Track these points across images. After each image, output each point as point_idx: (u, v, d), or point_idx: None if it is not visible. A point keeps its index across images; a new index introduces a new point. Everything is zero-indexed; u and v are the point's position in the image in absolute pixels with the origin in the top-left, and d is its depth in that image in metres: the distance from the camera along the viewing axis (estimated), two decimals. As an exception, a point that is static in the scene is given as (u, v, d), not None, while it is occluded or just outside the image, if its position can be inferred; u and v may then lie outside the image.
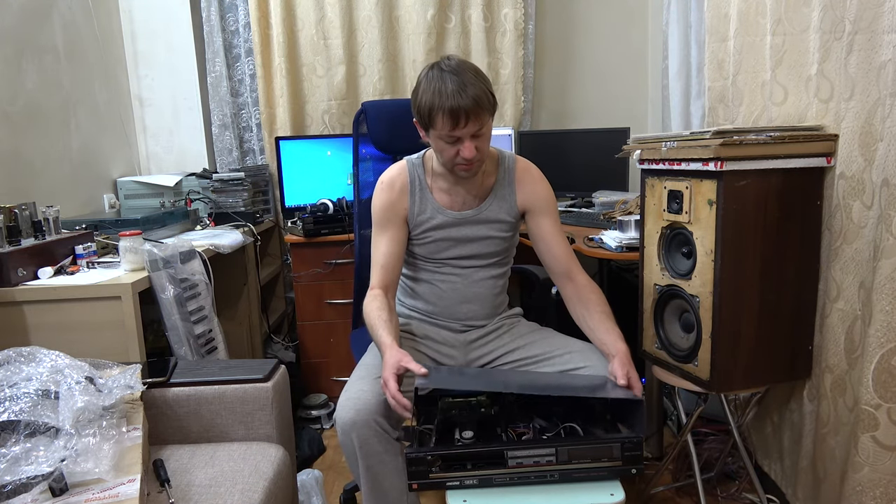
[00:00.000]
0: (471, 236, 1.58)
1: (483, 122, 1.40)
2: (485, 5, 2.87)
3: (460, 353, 1.60)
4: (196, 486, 1.22)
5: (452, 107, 1.35)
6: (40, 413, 1.12)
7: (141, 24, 2.76)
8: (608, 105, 3.11)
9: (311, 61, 2.88)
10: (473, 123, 1.38)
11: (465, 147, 1.40)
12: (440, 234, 1.57)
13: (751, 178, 1.41)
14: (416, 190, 1.58)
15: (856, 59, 1.32)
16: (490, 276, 1.61)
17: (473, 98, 1.35)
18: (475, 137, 1.41)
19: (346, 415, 1.31)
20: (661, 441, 2.13)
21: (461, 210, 1.57)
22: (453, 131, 1.38)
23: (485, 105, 1.38)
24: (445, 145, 1.43)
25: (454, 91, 1.35)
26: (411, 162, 1.61)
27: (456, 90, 1.35)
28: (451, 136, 1.40)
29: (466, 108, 1.35)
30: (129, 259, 1.74)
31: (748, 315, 1.47)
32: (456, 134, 1.39)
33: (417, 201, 1.57)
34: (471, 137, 1.40)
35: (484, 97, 1.38)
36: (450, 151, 1.43)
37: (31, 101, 2.13)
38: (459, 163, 1.44)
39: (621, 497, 1.16)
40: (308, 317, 2.57)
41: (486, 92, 1.40)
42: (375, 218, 1.58)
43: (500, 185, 1.59)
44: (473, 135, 1.40)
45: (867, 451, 1.31)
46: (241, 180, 2.61)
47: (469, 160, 1.42)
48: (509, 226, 1.60)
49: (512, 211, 1.59)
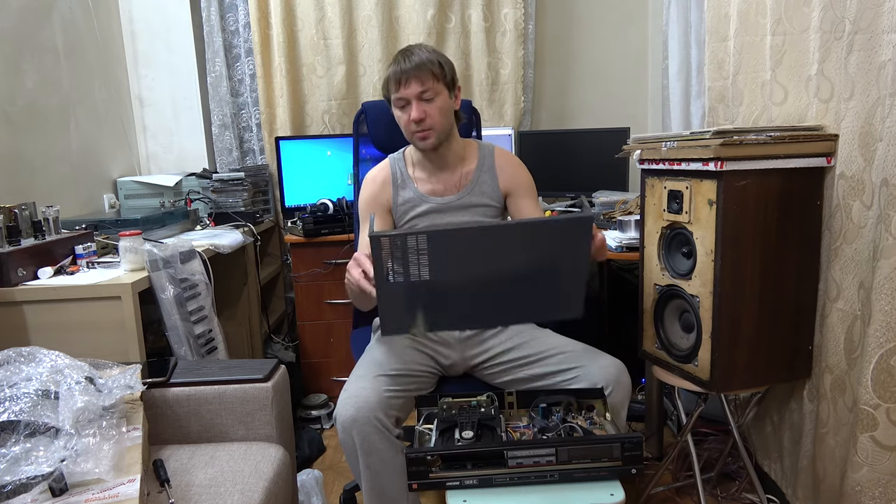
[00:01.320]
0: (455, 224, 1.60)
1: (427, 86, 1.50)
2: (485, 5, 2.87)
3: (456, 352, 1.61)
4: (196, 486, 1.22)
5: (396, 70, 1.50)
6: (40, 413, 1.12)
7: (141, 24, 2.76)
8: (608, 105, 3.11)
9: (311, 61, 2.89)
10: (416, 83, 1.49)
11: (413, 108, 1.51)
12: (425, 222, 1.63)
13: (751, 178, 1.41)
14: (398, 181, 1.66)
15: (856, 59, 1.32)
16: None
17: (415, 62, 1.49)
18: (423, 101, 1.51)
19: (347, 412, 1.32)
20: (661, 441, 2.13)
21: (443, 196, 1.64)
22: (398, 92, 1.51)
23: (428, 67, 1.50)
24: (399, 112, 1.55)
25: (401, 57, 1.51)
26: (393, 158, 1.71)
27: (403, 57, 1.51)
28: (399, 98, 1.52)
29: (407, 69, 1.49)
30: (129, 259, 1.74)
31: (748, 315, 1.47)
32: (402, 95, 1.51)
33: (400, 192, 1.65)
34: (418, 100, 1.50)
35: (428, 63, 1.50)
36: (403, 118, 1.54)
37: (31, 101, 2.13)
38: (414, 130, 1.53)
39: (621, 497, 1.16)
40: (308, 317, 2.57)
41: (434, 61, 1.52)
42: (361, 212, 1.68)
43: (481, 171, 1.66)
44: (420, 98, 1.50)
45: (866, 451, 1.31)
46: (241, 180, 2.61)
47: (417, 121, 1.51)
48: (494, 210, 1.66)
49: (495, 195, 1.66)
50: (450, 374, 1.63)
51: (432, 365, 1.58)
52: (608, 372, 1.44)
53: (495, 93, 2.99)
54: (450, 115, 1.57)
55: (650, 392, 2.11)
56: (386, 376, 1.42)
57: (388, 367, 1.45)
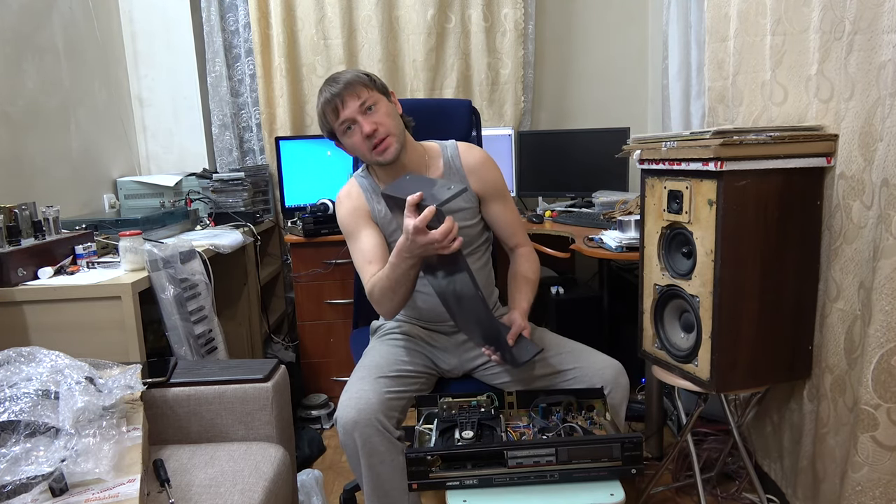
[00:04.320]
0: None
1: (364, 97, 1.43)
2: (485, 5, 2.87)
3: (454, 357, 1.61)
4: (196, 486, 1.22)
5: (327, 97, 1.43)
6: (40, 413, 1.12)
7: (141, 24, 2.76)
8: (608, 105, 3.11)
9: (311, 61, 2.89)
10: (352, 100, 1.42)
11: (361, 125, 1.43)
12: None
13: (751, 178, 1.41)
14: (371, 197, 1.59)
15: (856, 59, 1.32)
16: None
17: (341, 81, 1.43)
18: (367, 113, 1.44)
19: (349, 414, 1.32)
20: (661, 441, 2.13)
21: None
22: (339, 117, 1.44)
23: (357, 81, 1.43)
24: (349, 138, 1.47)
25: (325, 88, 1.45)
26: (358, 175, 1.64)
27: (326, 87, 1.45)
28: (343, 122, 1.44)
29: (338, 91, 1.42)
30: (129, 259, 1.74)
31: (748, 315, 1.47)
32: (343, 117, 1.43)
33: (375, 206, 1.58)
34: (363, 115, 1.43)
35: (354, 77, 1.44)
36: (357, 140, 1.46)
37: (31, 101, 2.13)
38: (371, 146, 1.45)
39: (621, 497, 1.16)
40: (308, 317, 2.57)
41: (360, 74, 1.46)
42: (345, 228, 1.59)
43: (449, 175, 1.60)
44: (363, 111, 1.43)
45: (867, 450, 1.31)
46: (241, 180, 2.61)
47: (371, 134, 1.43)
48: (471, 212, 1.61)
49: (469, 197, 1.60)
50: (448, 377, 1.63)
51: (431, 366, 1.58)
52: (606, 372, 1.44)
53: (495, 93, 2.99)
54: (398, 119, 1.50)
55: (650, 392, 2.11)
56: (386, 378, 1.42)
57: (389, 369, 1.45)
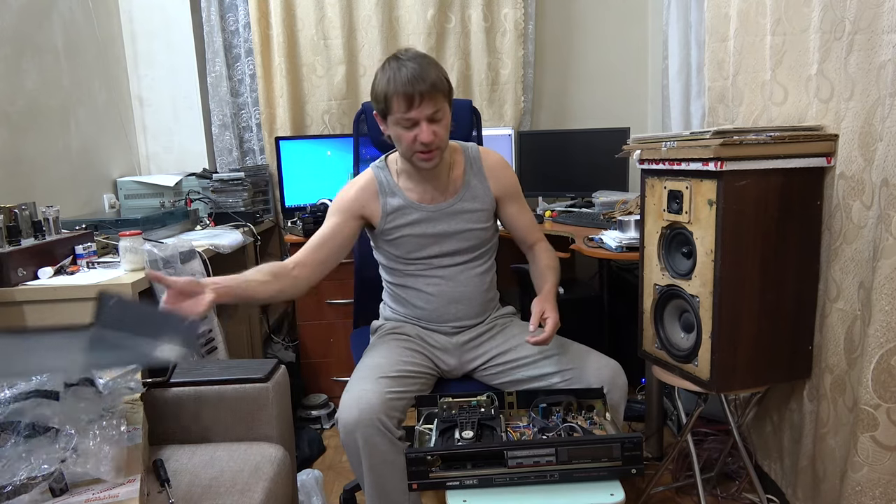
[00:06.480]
0: (448, 231, 1.58)
1: (439, 106, 1.41)
2: (485, 5, 2.87)
3: (454, 357, 1.61)
4: (196, 486, 1.22)
5: (407, 88, 1.37)
6: (40, 413, 1.12)
7: (141, 24, 2.76)
8: (608, 105, 3.11)
9: (311, 61, 2.88)
10: (428, 104, 1.39)
11: (422, 130, 1.41)
12: (417, 230, 1.57)
13: (751, 178, 1.41)
14: (385, 191, 1.58)
15: (856, 59, 1.32)
16: (475, 273, 1.62)
17: (427, 79, 1.38)
18: (432, 122, 1.41)
19: (350, 414, 1.32)
20: (661, 441, 2.13)
21: (434, 203, 1.58)
22: (408, 112, 1.39)
23: (440, 87, 1.41)
24: (403, 131, 1.43)
25: (409, 73, 1.38)
26: (376, 166, 1.62)
27: (410, 73, 1.38)
28: (407, 118, 1.40)
29: (421, 89, 1.37)
30: (129, 259, 1.73)
31: (748, 315, 1.47)
32: (411, 115, 1.40)
33: (389, 200, 1.57)
34: (428, 121, 1.41)
35: (439, 81, 1.41)
36: (408, 137, 1.43)
37: (31, 101, 2.13)
38: (418, 149, 1.44)
39: (621, 497, 1.16)
40: (308, 317, 2.57)
41: (442, 77, 1.43)
42: (334, 204, 1.58)
43: (470, 175, 1.61)
44: (430, 119, 1.41)
45: (866, 450, 1.31)
46: (241, 180, 2.61)
47: (427, 144, 1.42)
48: (486, 215, 1.62)
49: (487, 199, 1.61)
50: (448, 377, 1.63)
51: (431, 366, 1.58)
52: (603, 372, 1.44)
53: (495, 93, 2.99)
54: (449, 130, 1.50)
55: (650, 392, 2.11)
56: (388, 378, 1.42)
57: (390, 369, 1.45)
